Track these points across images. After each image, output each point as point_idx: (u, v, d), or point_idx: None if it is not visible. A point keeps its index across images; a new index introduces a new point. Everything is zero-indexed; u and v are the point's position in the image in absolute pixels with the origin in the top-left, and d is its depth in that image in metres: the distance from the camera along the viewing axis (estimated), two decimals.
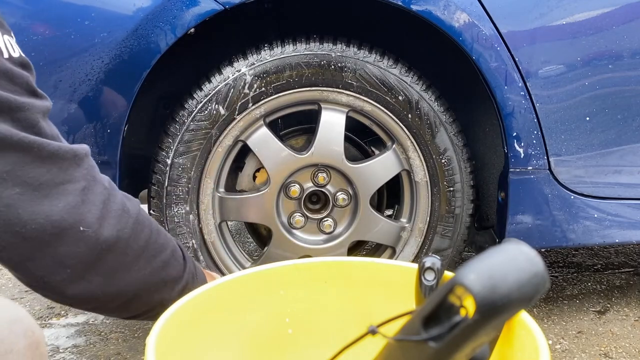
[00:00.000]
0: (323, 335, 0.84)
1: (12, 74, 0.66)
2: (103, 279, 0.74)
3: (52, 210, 0.66)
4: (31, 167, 0.65)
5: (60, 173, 0.68)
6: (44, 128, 0.69)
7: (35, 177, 0.66)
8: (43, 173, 0.66)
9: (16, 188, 0.64)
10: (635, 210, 1.41)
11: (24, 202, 0.65)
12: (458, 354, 0.53)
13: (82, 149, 0.72)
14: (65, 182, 0.68)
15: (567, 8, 1.29)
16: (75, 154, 0.70)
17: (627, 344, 1.47)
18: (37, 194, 0.65)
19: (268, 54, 1.29)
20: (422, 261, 0.73)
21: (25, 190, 0.65)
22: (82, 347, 1.51)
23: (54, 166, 0.67)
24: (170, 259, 0.84)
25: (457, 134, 1.36)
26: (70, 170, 0.69)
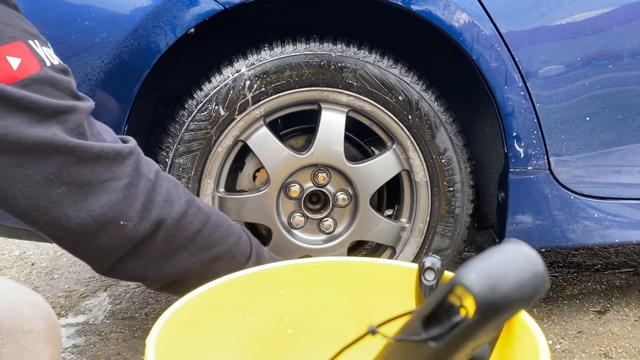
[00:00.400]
0: (323, 335, 0.84)
1: (56, 81, 0.72)
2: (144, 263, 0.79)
3: (94, 207, 0.72)
4: (76, 168, 0.71)
5: (104, 172, 0.73)
6: (88, 129, 0.74)
7: (80, 177, 0.71)
8: (87, 173, 0.72)
9: (63, 187, 0.70)
10: (635, 210, 1.41)
11: (69, 200, 0.71)
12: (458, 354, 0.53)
13: (126, 147, 0.76)
14: (109, 180, 0.73)
15: (567, 8, 1.29)
16: (118, 152, 0.75)
17: (627, 344, 1.47)
18: (81, 192, 0.71)
19: (268, 54, 1.29)
20: (422, 261, 0.73)
21: (70, 189, 0.71)
22: (82, 347, 1.51)
23: (97, 166, 0.73)
24: (225, 255, 0.86)
25: (457, 134, 1.36)
26: (113, 169, 0.74)
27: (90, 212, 0.72)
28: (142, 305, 1.78)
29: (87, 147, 0.71)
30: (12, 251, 2.36)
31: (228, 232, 0.87)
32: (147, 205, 0.76)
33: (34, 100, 0.68)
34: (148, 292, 1.87)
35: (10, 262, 2.24)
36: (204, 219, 0.84)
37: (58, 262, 2.21)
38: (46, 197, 0.70)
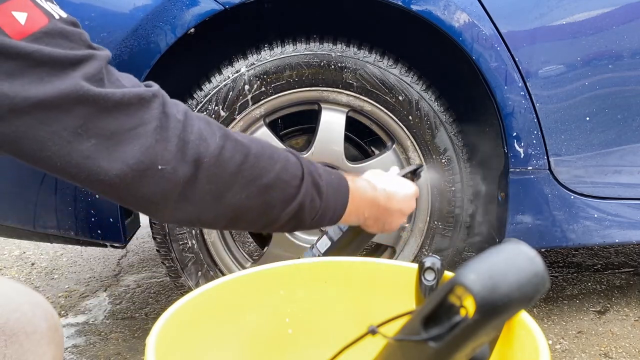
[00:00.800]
0: (323, 335, 0.84)
1: (67, 32, 0.70)
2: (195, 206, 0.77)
3: (127, 155, 0.70)
4: (100, 119, 0.69)
5: (129, 119, 0.71)
6: (107, 76, 0.72)
7: (106, 127, 0.69)
8: (112, 122, 0.69)
9: (92, 140, 0.68)
10: (635, 210, 1.41)
11: (101, 152, 0.69)
12: (458, 354, 0.53)
13: (148, 91, 0.74)
14: (136, 127, 0.71)
15: (567, 8, 1.29)
16: (141, 97, 0.72)
17: (627, 344, 1.47)
18: (111, 143, 0.69)
19: (268, 54, 1.29)
20: (422, 261, 0.73)
21: (99, 141, 0.69)
22: (82, 347, 1.51)
23: (121, 113, 0.70)
24: (275, 182, 0.81)
25: (457, 134, 1.36)
26: (139, 114, 0.72)
27: (125, 161, 0.70)
28: (142, 305, 1.78)
29: (109, 94, 0.69)
30: (12, 251, 2.36)
31: (272, 159, 0.83)
32: (181, 146, 0.74)
33: (48, 53, 0.66)
34: (148, 292, 1.87)
35: (10, 262, 2.24)
36: (244, 150, 0.80)
37: (58, 262, 2.21)
38: (77, 152, 0.68)
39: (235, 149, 0.79)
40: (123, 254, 2.26)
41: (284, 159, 0.84)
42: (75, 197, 1.28)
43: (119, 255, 2.25)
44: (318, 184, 0.85)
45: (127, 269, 2.10)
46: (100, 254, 2.26)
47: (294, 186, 0.83)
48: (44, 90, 0.66)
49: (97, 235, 1.31)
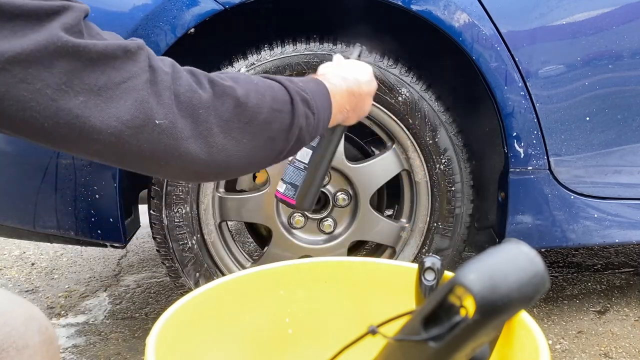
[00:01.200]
0: (323, 335, 0.84)
1: None
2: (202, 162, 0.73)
3: (120, 111, 0.65)
4: (86, 73, 0.64)
5: (116, 72, 0.66)
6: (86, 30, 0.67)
7: (93, 82, 0.64)
8: (99, 76, 0.65)
9: (79, 97, 0.64)
10: (635, 210, 1.41)
11: (91, 109, 0.64)
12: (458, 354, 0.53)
13: (133, 42, 0.70)
14: (126, 80, 0.67)
15: (567, 8, 1.29)
16: (125, 49, 0.68)
17: (627, 344, 1.47)
18: (101, 98, 0.65)
19: (268, 54, 1.29)
20: (422, 261, 0.73)
21: (88, 97, 0.64)
22: (82, 347, 1.51)
23: (108, 66, 0.66)
24: (271, 116, 0.79)
25: (457, 134, 1.36)
26: (127, 67, 0.67)
27: (119, 118, 0.65)
28: (142, 305, 1.78)
29: (89, 45, 0.64)
30: (12, 251, 2.36)
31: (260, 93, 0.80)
32: (174, 98, 0.70)
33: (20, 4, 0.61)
34: (148, 292, 1.87)
35: (10, 262, 2.24)
36: (232, 93, 0.76)
37: (58, 262, 2.21)
38: (65, 111, 0.63)
39: (225, 94, 0.75)
40: (123, 254, 2.26)
41: (270, 88, 0.81)
42: (75, 197, 1.28)
43: (119, 255, 2.25)
44: (307, 100, 0.83)
45: (127, 269, 2.10)
46: (100, 254, 2.26)
47: (287, 112, 0.80)
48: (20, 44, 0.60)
49: (97, 235, 1.31)
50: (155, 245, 1.39)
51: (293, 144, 0.81)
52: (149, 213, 1.36)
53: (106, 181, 1.27)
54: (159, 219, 1.34)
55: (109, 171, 1.26)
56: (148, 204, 1.37)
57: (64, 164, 1.26)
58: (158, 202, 1.33)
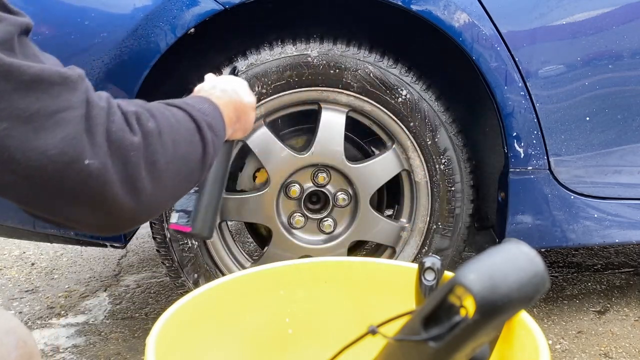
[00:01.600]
0: (323, 335, 0.84)
1: None
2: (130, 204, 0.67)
3: (48, 144, 0.58)
4: (16, 97, 0.57)
5: (52, 100, 0.59)
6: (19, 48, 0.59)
7: (23, 108, 0.57)
8: (32, 102, 0.58)
9: (3, 122, 0.56)
10: (635, 210, 1.41)
11: (14, 139, 0.57)
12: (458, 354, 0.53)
13: (73, 71, 0.64)
14: (61, 111, 0.59)
15: (567, 8, 1.29)
16: (65, 77, 0.61)
17: (627, 344, 1.47)
18: (29, 127, 0.57)
19: (268, 54, 1.29)
20: (422, 261, 0.73)
21: (14, 124, 0.57)
22: (82, 347, 1.51)
23: (44, 93, 0.59)
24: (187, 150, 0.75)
25: (457, 134, 1.36)
26: (64, 96, 0.60)
27: (45, 152, 0.57)
28: (142, 305, 1.78)
29: (23, 66, 0.57)
30: (12, 251, 2.36)
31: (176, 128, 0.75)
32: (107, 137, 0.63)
33: None
34: (148, 292, 1.87)
35: (10, 262, 2.24)
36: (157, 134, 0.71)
37: (58, 262, 2.21)
38: None
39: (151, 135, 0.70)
40: (123, 254, 2.26)
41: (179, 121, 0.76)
42: None
43: (119, 255, 2.25)
44: (210, 123, 0.80)
45: (127, 269, 2.10)
46: (100, 254, 2.26)
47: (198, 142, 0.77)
48: None
49: (97, 235, 1.31)
50: (155, 245, 1.39)
51: (206, 171, 0.80)
52: None
53: None
54: (159, 219, 1.34)
55: None
56: None
57: None
58: None
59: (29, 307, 1.79)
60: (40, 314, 1.72)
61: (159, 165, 0.70)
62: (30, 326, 1.65)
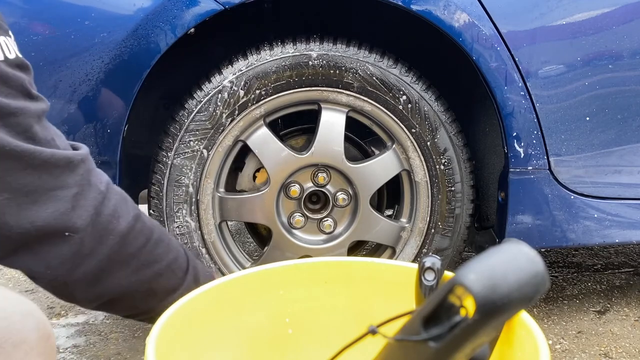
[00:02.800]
0: (323, 335, 0.84)
1: (7, 77, 0.66)
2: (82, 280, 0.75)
3: (38, 216, 0.67)
4: (22, 175, 0.66)
5: (52, 180, 0.68)
6: (38, 133, 0.69)
7: (25, 184, 0.66)
8: (34, 180, 0.67)
9: (5, 194, 0.65)
10: (635, 210, 1.41)
11: (12, 208, 0.66)
12: (458, 354, 0.53)
13: (78, 155, 0.72)
14: (56, 189, 0.69)
15: (567, 8, 1.29)
16: (69, 160, 0.70)
17: (627, 344, 1.47)
18: (25, 200, 0.67)
19: (268, 54, 1.29)
20: (422, 261, 0.73)
21: (14, 196, 0.66)
22: (82, 347, 1.51)
23: (45, 173, 0.68)
24: (165, 271, 0.83)
25: (457, 134, 1.36)
26: (62, 177, 0.69)
27: (33, 223, 0.67)
28: None
29: (37, 152, 0.67)
30: None
31: (168, 247, 0.84)
32: (94, 218, 0.72)
33: None
34: None
35: None
36: (148, 234, 0.80)
37: None
38: None
39: (141, 232, 0.79)
40: None
41: (176, 249, 0.86)
42: None
43: None
44: (198, 279, 0.88)
45: None
46: None
47: (178, 277, 0.85)
48: None
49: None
50: None
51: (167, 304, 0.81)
52: (149, 213, 1.36)
53: None
54: (159, 219, 1.34)
55: (109, 171, 1.25)
56: (148, 204, 1.37)
57: None
58: (158, 202, 1.33)
59: None
60: None
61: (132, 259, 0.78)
62: None
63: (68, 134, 1.24)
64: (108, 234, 0.74)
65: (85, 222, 0.71)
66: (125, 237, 0.76)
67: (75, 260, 0.72)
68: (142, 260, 0.80)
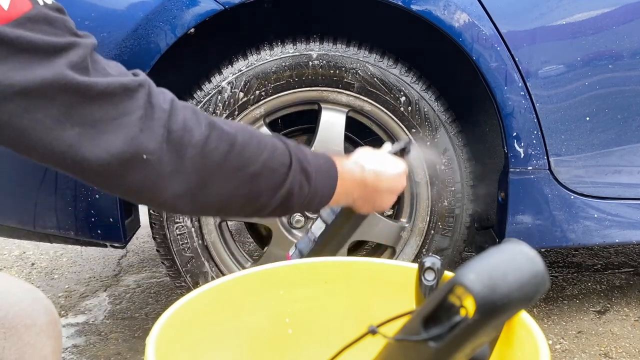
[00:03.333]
0: (323, 335, 0.84)
1: (52, 18, 0.69)
2: (180, 197, 0.76)
3: (111, 145, 0.70)
4: (83, 107, 0.68)
5: (113, 108, 0.70)
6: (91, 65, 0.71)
7: (89, 116, 0.69)
8: (97, 111, 0.69)
9: (76, 128, 0.68)
10: (635, 210, 1.41)
11: (85, 141, 0.69)
12: (458, 354, 0.53)
13: (134, 81, 0.73)
14: (120, 116, 0.71)
15: (567, 8, 1.29)
16: (126, 87, 0.72)
17: (627, 344, 1.47)
18: (95, 131, 0.69)
19: (268, 54, 1.29)
20: (422, 261, 0.73)
21: (83, 130, 0.69)
22: (82, 347, 1.51)
23: (105, 102, 0.70)
24: (261, 171, 0.81)
25: (457, 134, 1.36)
26: (123, 104, 0.71)
27: (109, 151, 0.70)
28: (142, 305, 1.77)
29: (92, 83, 0.69)
30: (12, 251, 2.36)
31: (259, 147, 0.82)
32: (166, 136, 0.74)
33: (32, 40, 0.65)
34: (148, 292, 1.87)
35: (10, 262, 2.24)
36: (229, 140, 0.79)
37: (58, 262, 2.21)
38: (60, 140, 0.68)
39: (220, 139, 0.78)
40: (123, 254, 2.26)
41: (271, 146, 0.83)
42: (75, 197, 1.28)
43: (119, 255, 2.25)
44: (306, 169, 0.85)
45: (127, 269, 2.10)
46: (100, 254, 2.26)
47: (281, 174, 0.83)
48: (27, 77, 0.65)
49: (97, 235, 1.31)
50: (155, 245, 1.39)
51: (278, 205, 0.83)
52: (149, 213, 1.36)
53: None
54: (159, 219, 1.34)
55: None
56: None
57: None
58: None
59: None
60: None
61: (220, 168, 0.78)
62: None
63: None
64: (184, 148, 0.75)
65: (157, 142, 0.72)
66: (203, 147, 0.76)
67: (162, 180, 0.74)
68: (231, 167, 0.79)
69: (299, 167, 0.84)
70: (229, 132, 0.80)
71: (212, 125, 0.79)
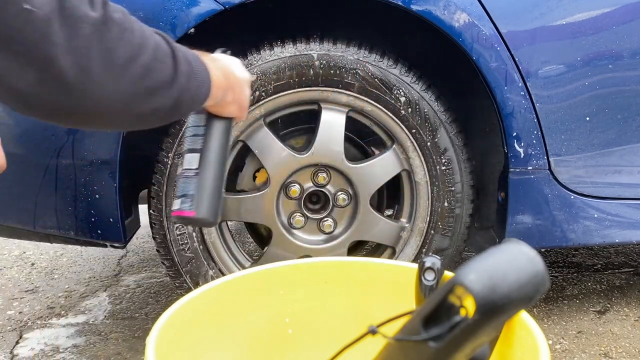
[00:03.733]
0: (323, 335, 0.84)
1: None
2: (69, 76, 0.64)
3: None
4: None
5: None
6: None
7: None
8: None
9: None
10: (635, 210, 1.41)
11: None
12: (458, 354, 0.53)
13: None
14: None
15: (567, 8, 1.29)
16: None
17: (627, 344, 1.47)
18: None
19: (268, 54, 1.29)
20: (422, 261, 0.73)
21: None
22: (82, 347, 1.51)
23: None
24: (152, 62, 0.73)
25: (457, 134, 1.36)
26: None
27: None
28: (142, 305, 1.78)
29: None
30: (12, 251, 2.36)
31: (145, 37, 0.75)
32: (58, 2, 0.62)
33: None
34: (148, 292, 1.87)
35: (10, 262, 2.24)
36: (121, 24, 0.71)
37: (58, 262, 2.21)
38: None
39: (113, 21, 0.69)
40: (123, 254, 2.26)
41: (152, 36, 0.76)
42: (75, 197, 1.28)
43: (119, 255, 2.25)
44: (188, 59, 0.79)
45: (127, 269, 2.10)
46: (100, 254, 2.26)
47: (169, 65, 0.75)
48: None
49: (97, 235, 1.31)
50: (155, 245, 1.39)
51: (172, 105, 0.76)
52: (149, 213, 1.36)
53: (106, 181, 1.27)
54: (159, 219, 1.34)
55: (108, 171, 1.26)
56: (148, 204, 1.37)
57: (64, 164, 1.26)
58: (158, 202, 1.33)
59: (29, 307, 1.79)
60: (40, 314, 1.72)
61: (116, 55, 0.67)
62: (30, 326, 1.65)
63: (68, 134, 1.24)
64: (78, 22, 0.64)
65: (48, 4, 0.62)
66: (97, 25, 0.66)
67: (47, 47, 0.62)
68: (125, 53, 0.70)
69: (182, 58, 0.78)
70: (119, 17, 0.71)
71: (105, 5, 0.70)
